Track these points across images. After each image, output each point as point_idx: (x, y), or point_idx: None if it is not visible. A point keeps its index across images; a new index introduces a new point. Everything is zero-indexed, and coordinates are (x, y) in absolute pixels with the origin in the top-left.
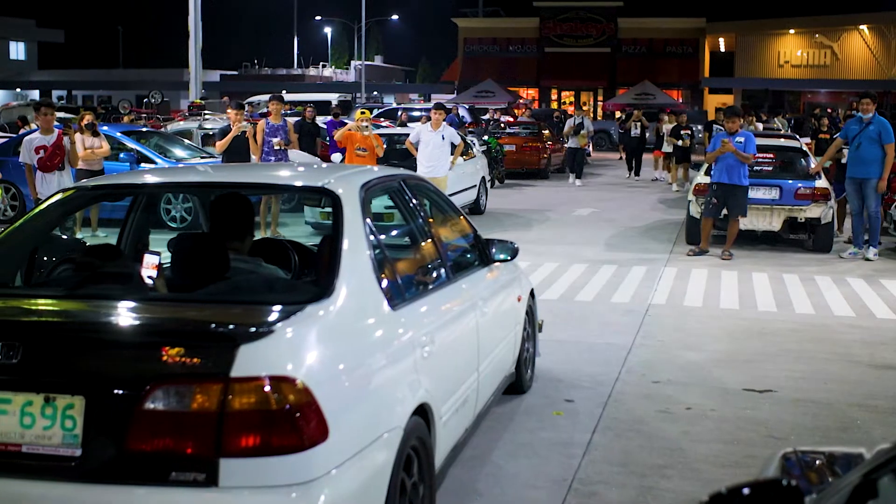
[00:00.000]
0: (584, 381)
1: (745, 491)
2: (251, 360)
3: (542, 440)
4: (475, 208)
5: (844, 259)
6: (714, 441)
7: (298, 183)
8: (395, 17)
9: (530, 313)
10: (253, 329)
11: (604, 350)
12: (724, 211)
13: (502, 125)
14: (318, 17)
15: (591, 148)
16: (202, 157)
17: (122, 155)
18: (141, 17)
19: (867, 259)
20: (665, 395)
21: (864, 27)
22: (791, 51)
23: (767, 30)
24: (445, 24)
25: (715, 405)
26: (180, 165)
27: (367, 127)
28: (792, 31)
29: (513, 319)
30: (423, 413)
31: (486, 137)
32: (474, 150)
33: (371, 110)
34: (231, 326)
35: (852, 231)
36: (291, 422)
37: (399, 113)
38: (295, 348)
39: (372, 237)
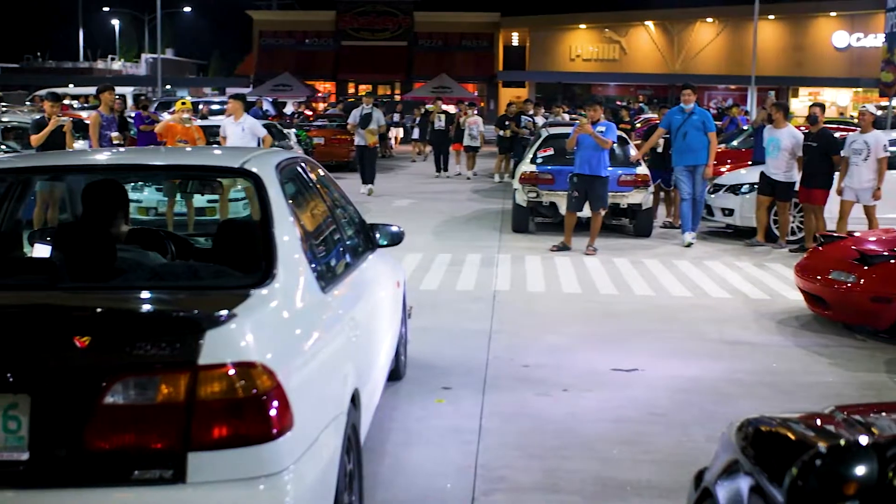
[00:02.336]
0: (455, 367)
1: (819, 462)
2: (219, 347)
3: (433, 428)
4: None
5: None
6: (600, 420)
7: (215, 164)
8: (187, 8)
9: (403, 299)
10: (215, 314)
11: (465, 336)
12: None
13: (310, 118)
14: (105, 8)
15: (393, 141)
16: (5, 151)
17: None
18: None
19: (688, 244)
20: (538, 379)
21: (649, 23)
22: (582, 45)
23: (559, 25)
24: (239, 17)
25: (590, 386)
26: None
27: (188, 119)
28: (583, 27)
29: (395, 304)
30: (353, 399)
31: (293, 130)
32: (291, 141)
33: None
34: (194, 312)
35: (681, 216)
36: (261, 410)
37: (200, 106)
38: (258, 333)
39: (294, 219)
